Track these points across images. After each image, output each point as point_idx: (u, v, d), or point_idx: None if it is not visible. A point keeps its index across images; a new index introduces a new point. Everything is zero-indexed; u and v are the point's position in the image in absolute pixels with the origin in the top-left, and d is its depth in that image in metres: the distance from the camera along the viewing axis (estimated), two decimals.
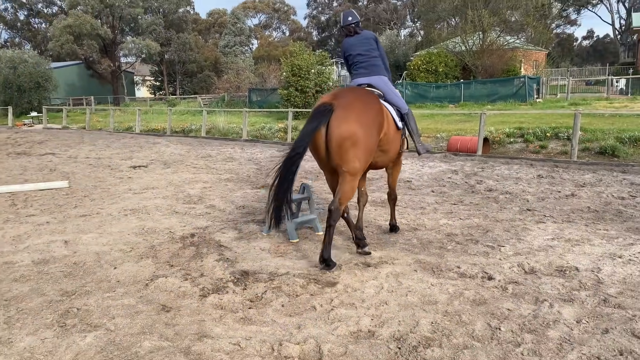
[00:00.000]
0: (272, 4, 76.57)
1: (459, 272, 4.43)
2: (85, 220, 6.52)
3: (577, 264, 4.53)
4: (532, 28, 35.21)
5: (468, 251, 5.02)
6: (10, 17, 68.74)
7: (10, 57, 35.02)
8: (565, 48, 66.46)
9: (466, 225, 5.99)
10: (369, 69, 5.41)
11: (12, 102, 34.11)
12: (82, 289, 4.19)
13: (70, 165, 11.88)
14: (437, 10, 36.60)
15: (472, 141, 12.37)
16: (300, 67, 24.49)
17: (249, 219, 6.45)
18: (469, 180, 8.86)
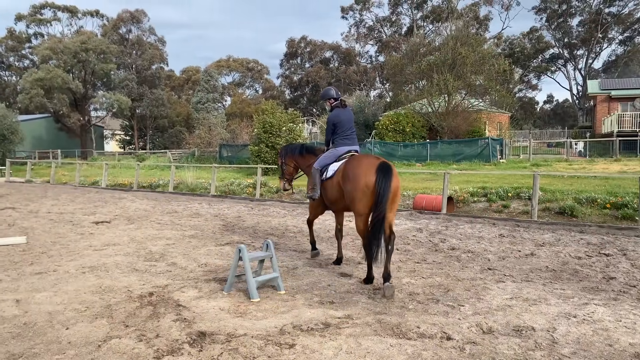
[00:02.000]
0: (246, 63, 78.49)
1: (419, 332, 4.43)
2: (41, 278, 6.32)
3: (533, 324, 4.60)
4: (495, 92, 36.98)
5: (429, 310, 5.04)
6: None
7: None
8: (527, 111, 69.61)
9: (428, 284, 6.04)
10: (353, 140, 7.04)
11: None
12: (30, 351, 4.02)
13: (30, 220, 11.57)
14: (404, 74, 38.14)
15: (437, 200, 12.63)
16: (272, 125, 24.88)
17: (211, 277, 6.36)
18: (433, 239, 8.99)
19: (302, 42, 75.05)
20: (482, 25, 63.49)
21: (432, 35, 53.69)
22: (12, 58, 67.76)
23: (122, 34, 57.10)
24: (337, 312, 4.96)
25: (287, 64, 77.29)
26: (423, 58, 37.16)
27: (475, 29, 55.72)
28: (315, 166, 7.01)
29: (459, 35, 33.82)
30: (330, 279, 6.25)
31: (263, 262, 6.07)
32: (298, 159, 7.65)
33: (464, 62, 32.22)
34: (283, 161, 7.75)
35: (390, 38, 68.16)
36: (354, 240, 8.80)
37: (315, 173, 6.95)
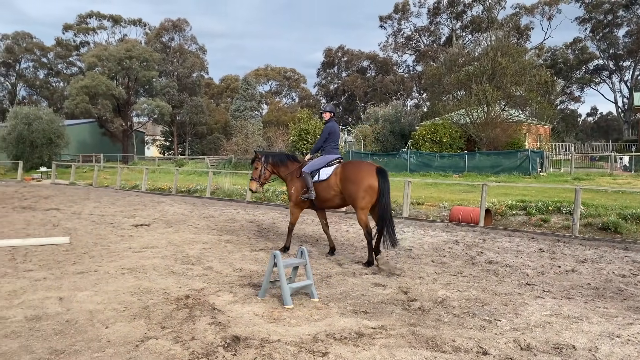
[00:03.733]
0: (283, 72, 79.42)
1: (454, 345, 4.35)
2: (83, 277, 6.52)
3: (574, 342, 4.45)
4: (536, 103, 36.21)
5: (464, 324, 4.95)
6: (30, 75, 71.55)
7: (25, 113, 36.08)
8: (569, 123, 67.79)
9: (464, 297, 5.92)
10: (338, 149, 8.36)
11: (23, 157, 34.78)
12: (72, 347, 4.15)
13: (73, 221, 11.97)
14: (442, 84, 37.83)
15: (475, 212, 12.41)
16: (307, 132, 25.08)
17: (245, 282, 6.42)
18: (469, 252, 8.83)
19: (339, 51, 75.45)
20: (523, 35, 62.35)
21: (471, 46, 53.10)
22: (60, 65, 70.77)
23: (165, 42, 58.70)
24: (371, 322, 4.93)
25: (324, 73, 77.80)
26: (462, 68, 36.79)
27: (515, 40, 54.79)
28: (305, 170, 8.12)
29: (499, 46, 33.33)
30: (363, 289, 6.22)
31: (297, 269, 6.09)
32: (280, 167, 8.67)
33: (504, 72, 31.71)
34: (264, 166, 8.64)
35: (429, 48, 67.71)
36: (388, 251, 8.74)
37: (307, 177, 8.06)
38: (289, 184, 8.54)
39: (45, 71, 72.56)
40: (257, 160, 8.72)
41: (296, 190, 8.31)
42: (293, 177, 8.44)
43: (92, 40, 64.93)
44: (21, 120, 35.41)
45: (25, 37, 68.63)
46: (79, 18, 64.03)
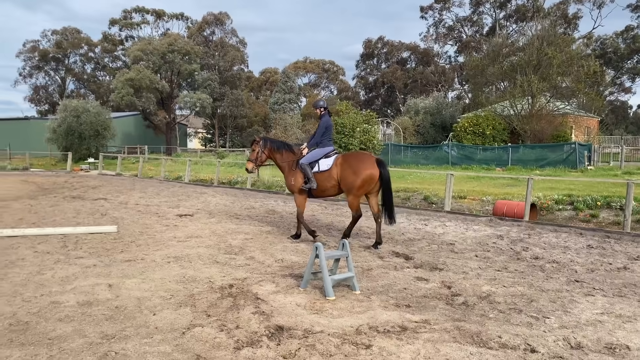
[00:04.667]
0: (322, 65, 79.29)
1: (500, 342, 4.26)
2: (130, 265, 6.72)
3: (628, 342, 4.27)
4: (584, 94, 34.86)
5: (511, 320, 4.83)
6: (78, 69, 74.10)
7: (74, 106, 37.38)
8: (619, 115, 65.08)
9: (510, 293, 5.78)
10: (332, 141, 8.95)
11: (72, 148, 36.10)
12: (122, 333, 4.28)
13: (120, 210, 12.35)
14: (485, 75, 36.90)
15: (519, 206, 12.08)
16: (344, 125, 24.97)
17: (287, 272, 6.47)
18: (514, 247, 8.61)
19: (379, 42, 74.72)
20: (570, 24, 60.06)
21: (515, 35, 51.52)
22: (106, 59, 72.94)
23: (206, 36, 59.59)
24: (414, 316, 4.88)
25: (363, 64, 77.23)
26: (505, 59, 35.77)
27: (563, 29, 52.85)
28: (304, 162, 8.60)
29: (545, 35, 32.24)
30: (405, 282, 6.16)
31: (339, 261, 6.09)
32: (276, 153, 9.11)
33: (550, 63, 30.66)
34: (261, 150, 9.09)
35: (471, 38, 66.21)
36: (430, 245, 8.63)
37: (307, 168, 8.53)
38: (288, 174, 8.96)
39: (92, 65, 74.95)
40: (256, 144, 9.22)
41: (296, 181, 8.74)
42: (290, 168, 8.92)
43: (136, 35, 66.53)
44: (70, 113, 36.71)
45: (73, 32, 71.00)
46: (124, 13, 65.69)
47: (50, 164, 36.65)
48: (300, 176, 8.69)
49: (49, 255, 7.25)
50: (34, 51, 69.88)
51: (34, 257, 7.11)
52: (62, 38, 70.13)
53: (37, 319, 4.57)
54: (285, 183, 9.21)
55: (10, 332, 4.24)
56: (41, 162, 37.65)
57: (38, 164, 35.77)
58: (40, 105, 74.35)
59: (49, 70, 73.32)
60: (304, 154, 8.77)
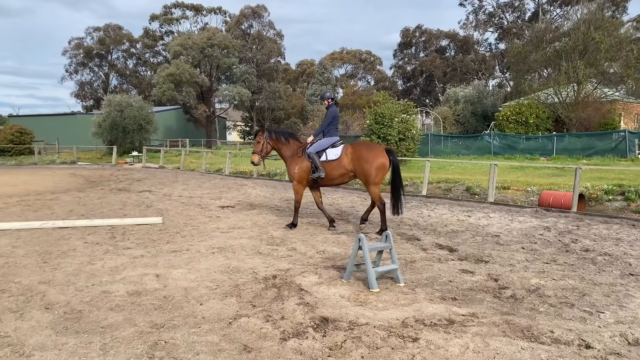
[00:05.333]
0: (359, 55, 78.69)
1: (553, 337, 4.12)
2: (176, 255, 6.85)
3: None
4: (634, 80, 33.33)
5: (562, 315, 4.67)
6: (121, 65, 76.13)
7: (118, 101, 38.44)
8: None
9: (560, 286, 5.59)
10: (338, 131, 8.99)
11: (117, 142, 37.18)
12: (170, 322, 4.36)
13: (164, 202, 12.63)
14: (528, 61, 35.78)
15: (566, 197, 11.68)
16: (383, 115, 24.71)
17: (329, 264, 6.46)
18: (562, 239, 8.33)
19: (416, 31, 73.52)
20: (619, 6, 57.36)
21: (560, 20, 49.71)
22: (147, 55, 74.65)
23: (244, 29, 60.08)
24: (461, 310, 4.78)
25: (401, 54, 76.20)
26: (549, 44, 34.56)
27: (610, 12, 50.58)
28: (311, 151, 8.70)
29: (591, 19, 30.96)
30: (450, 275, 6.05)
31: (382, 253, 6.03)
32: (281, 144, 9.15)
33: (597, 47, 29.47)
34: (266, 141, 9.11)
35: (513, 24, 64.25)
36: (474, 237, 8.45)
37: (315, 157, 8.63)
38: (292, 163, 8.97)
39: (134, 61, 76.89)
40: (260, 135, 9.20)
41: (300, 169, 8.81)
42: (295, 157, 8.94)
43: (176, 30, 67.77)
44: (114, 108, 37.77)
45: (115, 29, 72.91)
46: (164, 9, 66.97)
47: (97, 157, 37.87)
48: (305, 164, 8.79)
49: (99, 246, 7.48)
50: (79, 48, 72.19)
51: (84, 247, 7.36)
52: (104, 35, 72.17)
53: (90, 307, 4.72)
54: (287, 171, 9.25)
55: (65, 320, 4.39)
56: (88, 155, 38.95)
57: (85, 158, 37.02)
58: (85, 101, 76.91)
59: (93, 67, 75.66)
60: (309, 143, 8.92)
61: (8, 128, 40.43)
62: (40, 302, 4.86)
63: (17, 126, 40.57)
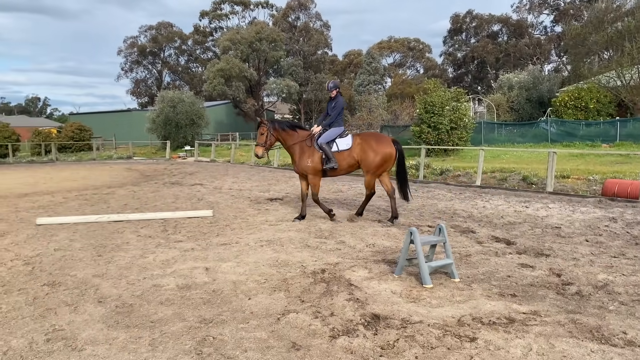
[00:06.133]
0: (407, 43, 77.22)
1: (626, 339, 3.77)
2: (225, 249, 6.85)
3: None
4: None
5: (636, 314, 4.29)
6: (173, 62, 78.12)
7: (171, 97, 39.41)
8: None
9: (631, 282, 5.17)
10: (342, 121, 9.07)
11: (170, 137, 38.17)
12: (219, 317, 4.31)
13: (215, 195, 12.77)
14: (587, 44, 33.90)
15: (633, 185, 10.92)
16: (433, 104, 24.09)
17: (379, 258, 6.27)
18: (631, 231, 7.76)
19: (467, 16, 71.35)
20: None
21: None
22: (198, 51, 76.21)
23: (291, 21, 60.18)
24: (522, 307, 4.48)
25: (451, 40, 74.23)
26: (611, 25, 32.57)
27: None
28: (322, 141, 8.60)
29: None
30: (509, 269, 5.72)
31: (435, 246, 5.77)
32: (285, 135, 8.89)
33: None
34: (269, 132, 8.76)
35: (570, 5, 61.09)
36: (533, 229, 8.01)
37: (327, 147, 8.57)
38: (302, 155, 8.76)
39: (185, 57, 78.68)
40: (263, 126, 8.86)
41: (313, 161, 8.65)
42: (305, 148, 8.76)
43: (225, 26, 68.71)
44: (167, 104, 38.75)
45: (167, 26, 74.80)
46: (214, 5, 67.99)
47: (151, 152, 39.06)
48: (317, 155, 8.65)
49: (151, 239, 7.60)
50: (133, 47, 74.63)
51: (137, 240, 7.49)
52: (157, 33, 74.19)
53: (140, 301, 4.74)
54: (296, 164, 8.86)
55: (116, 314, 4.43)
56: (143, 150, 40.24)
57: (140, 153, 38.25)
58: (140, 98, 79.52)
59: (147, 65, 78.06)
60: (315, 133, 8.80)
61: (69, 126, 42.32)
62: (93, 295, 4.94)
63: (76, 124, 42.39)
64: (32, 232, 8.15)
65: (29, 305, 4.68)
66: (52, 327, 4.13)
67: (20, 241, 7.50)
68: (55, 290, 5.11)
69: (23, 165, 28.33)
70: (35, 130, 40.16)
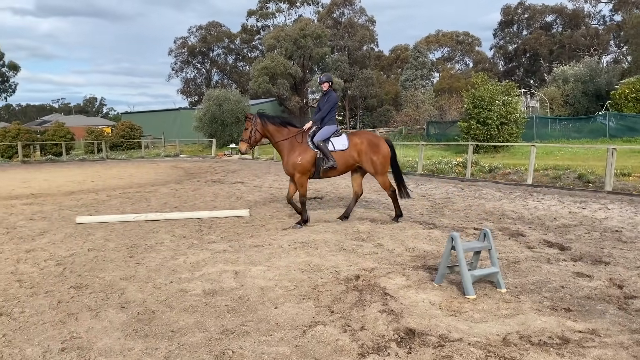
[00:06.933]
0: (456, 37, 75.31)
1: None
2: (258, 251, 6.61)
3: None
4: None
5: None
6: (221, 61, 79.35)
7: (216, 95, 39.85)
8: None
9: None
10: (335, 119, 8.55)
11: (216, 135, 38.63)
12: (242, 328, 4.05)
13: (254, 194, 12.62)
14: None
15: None
16: (482, 99, 23.17)
17: (419, 263, 5.85)
18: None
19: (519, 7, 68.82)
20: None
21: None
22: (245, 49, 77.08)
23: (335, 17, 59.77)
24: (577, 324, 3.98)
25: (502, 33, 71.85)
26: None
27: None
28: (318, 140, 8.05)
29: None
30: (562, 279, 5.18)
31: (479, 253, 5.30)
32: (273, 131, 8.19)
33: None
34: (254, 128, 8.06)
35: None
36: (590, 232, 7.35)
37: (324, 146, 8.03)
38: (291, 152, 8.12)
39: (233, 56, 79.71)
40: (248, 121, 8.19)
41: (304, 160, 8.04)
42: (294, 145, 8.14)
43: (271, 24, 69.09)
44: (213, 102, 39.21)
45: (216, 26, 75.98)
46: (260, 3, 68.49)
47: (198, 150, 39.66)
48: (309, 154, 8.07)
49: (184, 239, 7.46)
50: (183, 47, 76.22)
51: (170, 241, 7.37)
52: (206, 33, 75.49)
53: (164, 308, 4.54)
54: (285, 163, 8.22)
55: (137, 321, 4.23)
56: (190, 148, 40.93)
57: (187, 151, 38.91)
58: (190, 97, 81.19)
59: (196, 64, 79.57)
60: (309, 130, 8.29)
61: (120, 124, 43.60)
62: (117, 300, 4.79)
63: (127, 122, 43.61)
64: (70, 231, 8.20)
65: (52, 309, 4.57)
66: (70, 334, 3.98)
67: (57, 240, 7.54)
68: (80, 294, 4.99)
69: (75, 163, 29.33)
70: (89, 129, 41.61)
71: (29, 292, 5.08)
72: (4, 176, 20.49)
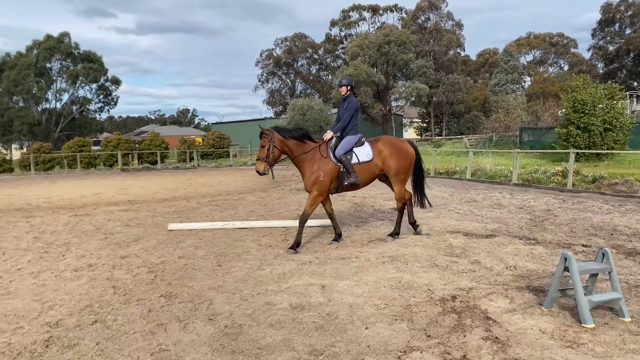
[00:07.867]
0: (549, 39, 71.26)
1: None
2: (344, 263, 6.35)
3: None
4: None
5: None
6: (305, 71, 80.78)
7: (300, 105, 40.53)
8: None
9: None
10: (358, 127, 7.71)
11: None
12: (331, 349, 3.80)
13: (337, 202, 12.38)
14: None
15: None
16: (584, 102, 21.49)
17: (523, 284, 5.29)
18: None
19: (621, 5, 63.74)
20: None
21: None
22: (328, 59, 77.94)
23: (420, 23, 58.69)
24: None
25: (601, 33, 66.88)
26: None
27: None
28: (340, 153, 7.27)
29: None
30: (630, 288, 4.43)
31: (596, 276, 4.68)
32: (292, 145, 7.29)
33: None
34: (271, 144, 7.14)
35: None
36: None
37: (347, 160, 7.28)
38: (311, 167, 7.26)
39: (316, 66, 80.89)
40: (264, 137, 7.21)
41: (326, 176, 7.19)
42: (316, 159, 7.28)
43: (354, 32, 69.26)
44: (297, 112, 39.91)
45: (301, 37, 77.57)
46: (343, 13, 68.96)
47: None
48: (329, 167, 7.20)
49: (270, 249, 7.39)
50: (269, 59, 78.54)
51: (257, 250, 7.32)
52: (291, 44, 77.30)
53: (250, 321, 4.40)
54: (306, 177, 7.30)
55: (224, 335, 4.12)
56: None
57: None
58: (275, 107, 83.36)
59: (281, 75, 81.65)
60: (326, 141, 7.43)
61: (210, 134, 45.51)
62: (205, 311, 4.73)
63: (217, 132, 45.41)
64: (162, 238, 8.43)
65: (143, 318, 4.59)
66: (159, 346, 3.94)
67: (150, 247, 7.75)
68: (170, 303, 5.00)
69: (169, 171, 30.88)
70: (182, 139, 43.82)
71: (122, 300, 5.17)
72: (106, 183, 21.95)
